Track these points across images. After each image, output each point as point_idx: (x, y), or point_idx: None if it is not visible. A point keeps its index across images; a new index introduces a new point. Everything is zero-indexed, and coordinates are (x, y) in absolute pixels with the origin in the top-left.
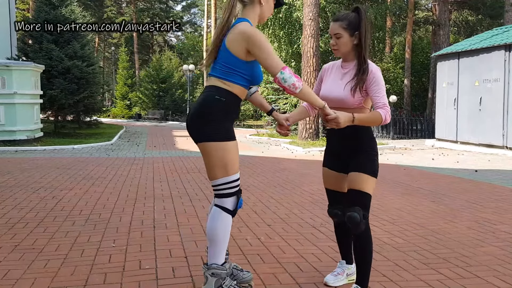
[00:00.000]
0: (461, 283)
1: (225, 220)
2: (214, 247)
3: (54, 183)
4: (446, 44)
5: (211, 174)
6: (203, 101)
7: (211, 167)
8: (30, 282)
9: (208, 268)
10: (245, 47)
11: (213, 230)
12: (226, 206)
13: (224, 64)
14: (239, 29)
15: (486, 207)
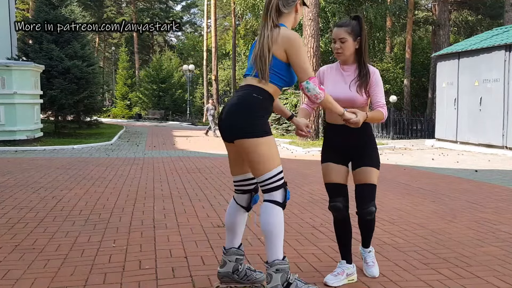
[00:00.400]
0: (461, 283)
1: (278, 214)
2: (273, 243)
3: (54, 183)
4: (446, 44)
5: (258, 170)
6: (242, 100)
7: (257, 163)
8: (30, 282)
9: (270, 265)
10: (284, 48)
11: (269, 226)
12: (276, 199)
13: (268, 68)
14: (282, 32)
15: (486, 207)
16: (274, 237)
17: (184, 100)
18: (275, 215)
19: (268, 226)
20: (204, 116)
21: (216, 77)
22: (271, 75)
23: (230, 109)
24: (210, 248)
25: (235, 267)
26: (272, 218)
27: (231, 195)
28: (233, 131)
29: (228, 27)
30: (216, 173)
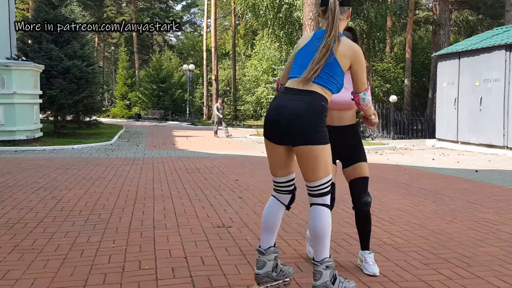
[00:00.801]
0: (462, 283)
1: (329, 216)
2: (323, 243)
3: (54, 183)
4: (446, 44)
5: (316, 175)
6: (312, 106)
7: (317, 169)
8: (30, 283)
9: (320, 263)
10: (350, 61)
11: (324, 228)
12: (327, 203)
13: (328, 73)
14: (348, 44)
15: (487, 207)
16: (326, 238)
17: (184, 100)
18: (327, 217)
19: (322, 228)
20: (204, 115)
21: (216, 76)
22: (332, 84)
23: (298, 114)
24: (210, 249)
25: (273, 264)
26: (325, 220)
27: (231, 195)
28: (299, 136)
29: (228, 27)
30: (216, 173)
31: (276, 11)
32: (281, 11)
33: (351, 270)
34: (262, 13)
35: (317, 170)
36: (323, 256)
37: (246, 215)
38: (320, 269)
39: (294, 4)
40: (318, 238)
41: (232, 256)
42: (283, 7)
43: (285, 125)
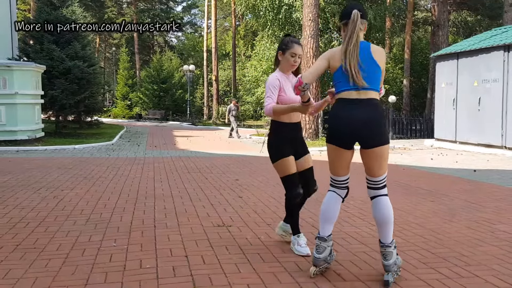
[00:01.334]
0: (460, 282)
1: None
2: (391, 227)
3: (55, 183)
4: (445, 45)
5: (382, 170)
6: (379, 112)
7: (384, 165)
8: (31, 282)
9: (390, 245)
10: (383, 64)
11: (391, 214)
12: (387, 193)
13: (377, 79)
14: (380, 49)
15: (485, 207)
16: (392, 222)
17: (185, 100)
18: (391, 205)
19: (391, 215)
20: (205, 115)
21: (217, 77)
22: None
23: (372, 121)
24: (211, 248)
25: (331, 250)
26: (390, 207)
27: (231, 195)
28: (376, 139)
29: (228, 28)
30: (216, 173)
31: (275, 12)
32: (281, 12)
33: (351, 269)
34: (262, 14)
35: (383, 165)
36: (391, 239)
37: (246, 214)
38: (390, 250)
39: (294, 5)
40: (386, 224)
41: (233, 255)
42: (282, 8)
43: (363, 132)
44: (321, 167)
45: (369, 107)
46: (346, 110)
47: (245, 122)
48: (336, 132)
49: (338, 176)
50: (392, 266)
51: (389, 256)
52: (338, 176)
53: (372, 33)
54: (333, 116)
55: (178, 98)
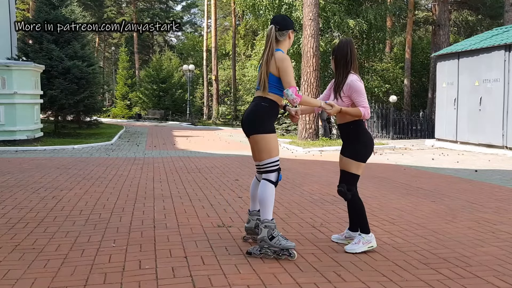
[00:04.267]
0: (461, 283)
1: (271, 188)
2: (265, 207)
3: (54, 183)
4: (446, 44)
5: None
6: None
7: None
8: (30, 282)
9: (261, 222)
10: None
11: (265, 197)
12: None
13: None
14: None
15: (486, 207)
16: (267, 204)
17: (184, 100)
18: (269, 188)
19: (264, 196)
20: (205, 115)
21: (216, 77)
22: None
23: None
24: (210, 248)
25: (255, 224)
26: (268, 191)
27: (231, 195)
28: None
29: (228, 27)
30: (216, 173)
31: (275, 11)
32: (281, 11)
33: (351, 269)
34: (261, 13)
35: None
36: (264, 217)
37: (246, 215)
38: (260, 226)
39: (294, 4)
40: (260, 203)
41: (232, 256)
42: (282, 7)
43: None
44: (322, 166)
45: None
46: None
47: None
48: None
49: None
50: (260, 242)
51: (259, 232)
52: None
53: (372, 32)
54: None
55: (178, 98)
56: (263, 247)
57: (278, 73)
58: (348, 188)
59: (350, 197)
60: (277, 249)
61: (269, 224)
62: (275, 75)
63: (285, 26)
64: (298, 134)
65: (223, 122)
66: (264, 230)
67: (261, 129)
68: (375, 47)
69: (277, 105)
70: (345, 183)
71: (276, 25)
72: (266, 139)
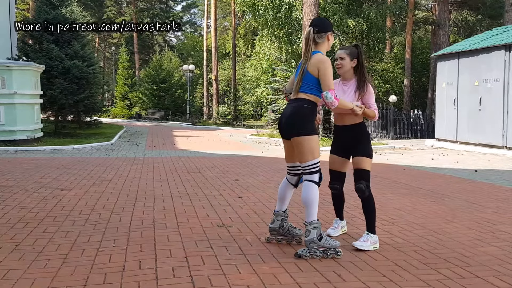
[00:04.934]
0: (461, 283)
1: (316, 189)
2: (311, 208)
3: (54, 183)
4: (446, 44)
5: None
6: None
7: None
8: (30, 282)
9: (309, 224)
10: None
11: (310, 198)
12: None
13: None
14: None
15: (486, 207)
16: (313, 205)
17: (184, 100)
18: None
19: (309, 197)
20: (205, 115)
21: (216, 77)
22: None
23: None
24: (210, 248)
25: (280, 224)
26: (312, 192)
27: (231, 195)
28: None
29: (228, 27)
30: (216, 173)
31: (275, 11)
32: (281, 11)
33: (351, 269)
34: (261, 13)
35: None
36: (311, 219)
37: (246, 215)
38: (308, 228)
39: (294, 4)
40: (306, 205)
41: (232, 256)
42: (282, 7)
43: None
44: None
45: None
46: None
47: (245, 122)
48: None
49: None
50: (309, 243)
51: (307, 233)
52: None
53: (372, 32)
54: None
55: (178, 98)
56: (312, 248)
57: (317, 75)
58: (367, 185)
59: (368, 194)
60: (325, 249)
61: (317, 225)
62: (315, 76)
63: (323, 28)
64: None
65: (223, 122)
66: (313, 231)
67: (305, 131)
68: (375, 47)
69: (316, 106)
70: (363, 179)
71: (315, 27)
72: (310, 141)
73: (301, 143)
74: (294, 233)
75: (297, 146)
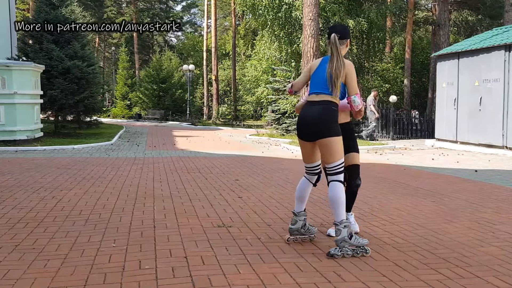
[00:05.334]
0: (461, 283)
1: (343, 188)
2: (340, 208)
3: (54, 183)
4: (446, 44)
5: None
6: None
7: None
8: (30, 282)
9: (340, 223)
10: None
11: (339, 197)
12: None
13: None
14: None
15: (486, 207)
16: (341, 205)
17: (184, 100)
18: (341, 189)
19: (339, 198)
20: (205, 115)
21: (216, 77)
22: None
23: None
24: (210, 248)
25: (303, 223)
26: (340, 192)
27: (231, 195)
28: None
29: (228, 27)
30: (216, 173)
31: (275, 11)
32: (281, 11)
33: (351, 269)
34: (261, 13)
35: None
36: (342, 218)
37: (246, 214)
38: (339, 228)
39: (294, 4)
40: (335, 205)
41: (232, 256)
42: (282, 7)
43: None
44: None
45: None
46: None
47: (245, 122)
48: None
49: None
50: (340, 242)
51: (338, 233)
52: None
53: (373, 32)
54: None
55: (178, 98)
56: (343, 247)
57: (344, 79)
58: (360, 178)
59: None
60: (355, 247)
61: (347, 224)
62: (342, 80)
63: (344, 35)
64: None
65: (223, 122)
66: (343, 230)
67: (334, 132)
68: (375, 47)
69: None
70: (357, 174)
71: (337, 34)
72: (338, 142)
73: (330, 144)
74: (312, 230)
75: (326, 148)
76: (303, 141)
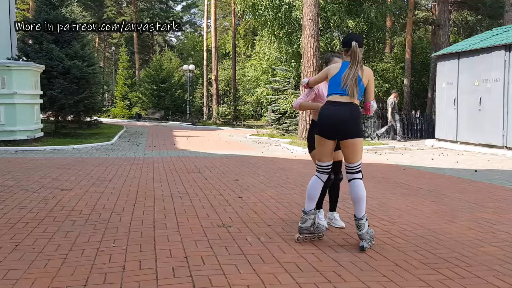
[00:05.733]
0: (461, 283)
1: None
2: (363, 204)
3: (54, 183)
4: (446, 44)
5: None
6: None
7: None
8: (30, 282)
9: (362, 217)
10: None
11: (362, 195)
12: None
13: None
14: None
15: (486, 207)
16: (364, 200)
17: (184, 100)
18: (363, 186)
19: (362, 194)
20: (205, 115)
21: (216, 77)
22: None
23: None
24: (210, 248)
25: (312, 222)
26: (363, 188)
27: (231, 195)
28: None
29: (228, 27)
30: (216, 173)
31: (275, 11)
32: (281, 11)
33: (351, 269)
34: (261, 13)
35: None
36: (364, 213)
37: (246, 214)
38: (361, 222)
39: (294, 4)
40: (359, 201)
41: (232, 256)
42: (282, 7)
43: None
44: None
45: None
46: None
47: (245, 122)
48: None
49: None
50: (365, 235)
51: (361, 227)
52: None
53: (372, 32)
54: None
55: (178, 98)
56: (367, 238)
57: (366, 85)
58: (341, 173)
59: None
60: (370, 237)
61: (367, 217)
62: (364, 85)
63: (361, 44)
64: (298, 134)
65: (223, 122)
66: (365, 223)
67: (360, 133)
68: (375, 47)
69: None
70: (340, 169)
71: (357, 42)
72: (361, 142)
73: (355, 144)
74: (321, 228)
75: (352, 147)
76: (326, 140)
